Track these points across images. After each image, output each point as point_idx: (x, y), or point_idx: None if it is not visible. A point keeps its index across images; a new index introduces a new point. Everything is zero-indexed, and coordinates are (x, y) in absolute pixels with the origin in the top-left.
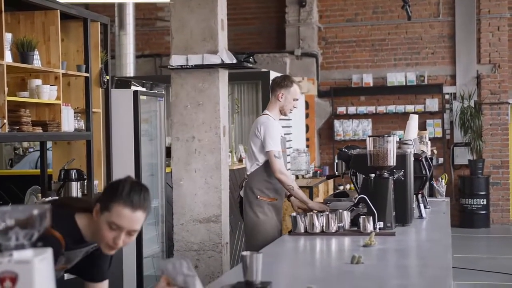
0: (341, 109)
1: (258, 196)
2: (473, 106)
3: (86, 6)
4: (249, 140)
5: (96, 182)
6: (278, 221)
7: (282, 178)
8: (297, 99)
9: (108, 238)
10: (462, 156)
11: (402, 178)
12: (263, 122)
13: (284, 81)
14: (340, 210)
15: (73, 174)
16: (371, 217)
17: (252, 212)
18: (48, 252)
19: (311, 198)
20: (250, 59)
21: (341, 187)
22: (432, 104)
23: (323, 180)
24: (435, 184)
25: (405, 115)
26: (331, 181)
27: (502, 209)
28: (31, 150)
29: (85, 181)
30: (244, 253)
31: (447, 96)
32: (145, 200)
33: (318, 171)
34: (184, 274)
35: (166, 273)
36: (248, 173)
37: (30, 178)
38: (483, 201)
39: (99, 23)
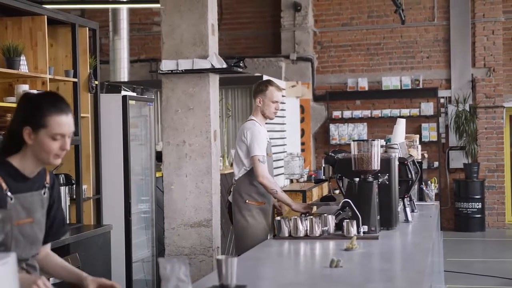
0: (336, 113)
1: (247, 201)
2: (468, 110)
3: (82, 11)
4: (236, 146)
5: (84, 187)
6: (266, 225)
7: (264, 182)
8: (276, 101)
9: (54, 149)
10: (457, 160)
11: (387, 182)
12: (249, 128)
13: (259, 86)
14: (325, 214)
15: (61, 178)
16: (355, 221)
17: (241, 216)
18: (11, 257)
19: (304, 202)
20: (240, 64)
21: (337, 191)
22: (427, 108)
23: (317, 184)
24: (424, 188)
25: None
26: (325, 185)
27: (497, 212)
28: None
29: (74, 185)
30: (218, 257)
31: (442, 100)
32: (67, 103)
33: (313, 175)
34: (179, 278)
35: (162, 271)
36: (236, 178)
37: None
38: (478, 205)
39: (87, 28)
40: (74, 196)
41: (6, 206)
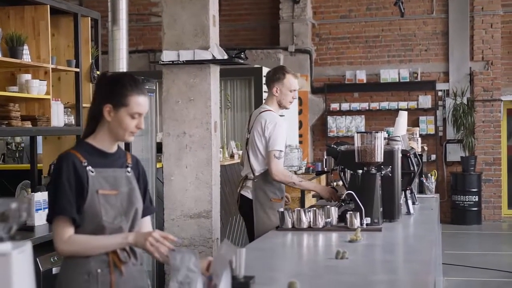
0: (334, 106)
1: (272, 199)
2: (466, 103)
3: (80, 1)
4: (252, 138)
5: None
6: None
7: (279, 178)
8: (294, 90)
9: (131, 127)
10: (455, 153)
11: (390, 174)
12: (270, 120)
13: (276, 74)
14: (328, 206)
15: None
16: (358, 213)
17: (264, 214)
18: (28, 245)
19: (302, 194)
20: (241, 55)
21: (334, 183)
22: (425, 101)
23: (315, 176)
24: (424, 181)
25: (398, 112)
26: (323, 177)
27: (494, 206)
28: (23, 145)
29: None
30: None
31: (440, 93)
32: (144, 85)
33: (311, 167)
34: (189, 268)
35: (172, 261)
36: (256, 174)
37: (21, 173)
38: (475, 198)
39: (89, 18)
40: None
41: (87, 178)
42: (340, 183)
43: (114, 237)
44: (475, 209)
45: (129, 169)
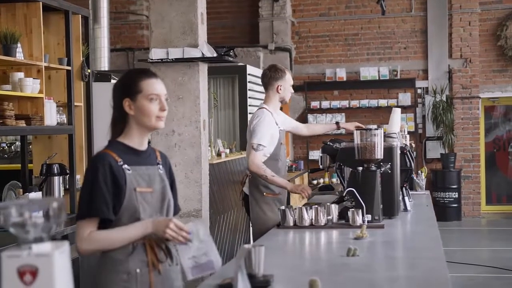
0: (314, 104)
1: (264, 193)
2: (445, 101)
3: None
4: (247, 136)
5: (78, 176)
6: None
7: (253, 169)
8: (291, 84)
9: (153, 111)
10: (434, 150)
11: (389, 171)
12: (257, 116)
13: (278, 73)
14: (328, 203)
15: (55, 168)
16: (360, 210)
17: (259, 209)
18: (66, 245)
19: (288, 192)
20: (231, 53)
21: (315, 181)
22: (405, 98)
23: (299, 174)
24: (415, 178)
25: (378, 110)
26: (306, 175)
27: (473, 202)
28: (4, 145)
29: (67, 175)
30: (246, 246)
31: (419, 91)
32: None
33: (293, 166)
34: (200, 240)
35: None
36: (251, 170)
37: (10, 173)
38: (454, 195)
39: (80, 15)
40: (68, 186)
41: (125, 176)
42: (321, 180)
43: (135, 227)
44: (455, 205)
45: (160, 166)
